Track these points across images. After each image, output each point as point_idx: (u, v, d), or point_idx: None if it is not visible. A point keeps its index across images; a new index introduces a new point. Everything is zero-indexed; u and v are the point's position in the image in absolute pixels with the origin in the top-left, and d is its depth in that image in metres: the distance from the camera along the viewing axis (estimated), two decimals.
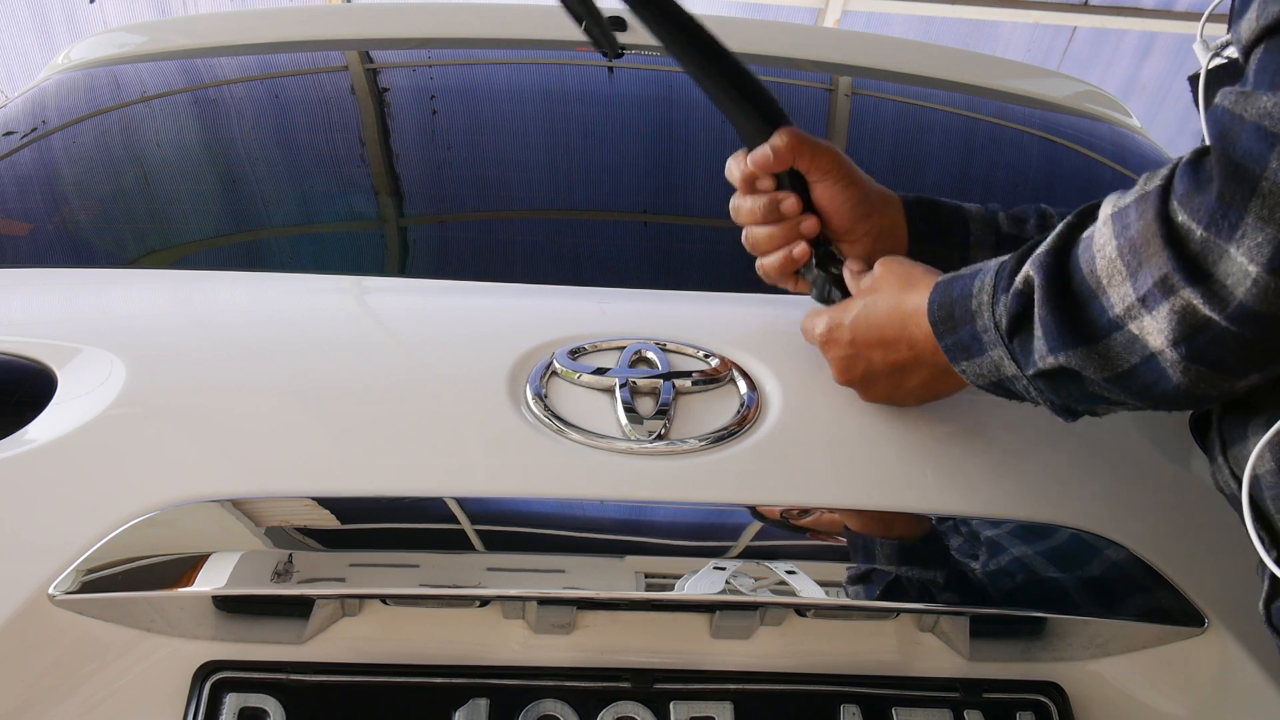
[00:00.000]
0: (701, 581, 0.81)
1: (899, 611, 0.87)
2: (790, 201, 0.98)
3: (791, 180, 0.98)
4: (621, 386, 0.91)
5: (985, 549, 0.86)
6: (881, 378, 0.91)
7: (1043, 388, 0.77)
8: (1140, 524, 0.89)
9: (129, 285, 1.14)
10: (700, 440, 0.88)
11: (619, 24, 1.73)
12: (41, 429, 0.85)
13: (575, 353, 0.94)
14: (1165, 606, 0.85)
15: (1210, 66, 0.80)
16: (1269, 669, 0.85)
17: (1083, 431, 0.96)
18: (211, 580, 0.78)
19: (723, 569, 0.81)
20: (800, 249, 0.99)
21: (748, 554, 0.83)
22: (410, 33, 1.72)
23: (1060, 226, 0.74)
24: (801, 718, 0.85)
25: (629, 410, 0.90)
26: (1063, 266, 0.72)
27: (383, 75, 1.66)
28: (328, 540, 0.81)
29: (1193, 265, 0.63)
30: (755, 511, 0.86)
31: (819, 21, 6.83)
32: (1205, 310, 0.63)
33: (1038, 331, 0.73)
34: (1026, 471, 0.91)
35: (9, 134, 1.49)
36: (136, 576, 0.78)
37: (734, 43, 0.98)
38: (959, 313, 0.81)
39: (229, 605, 0.82)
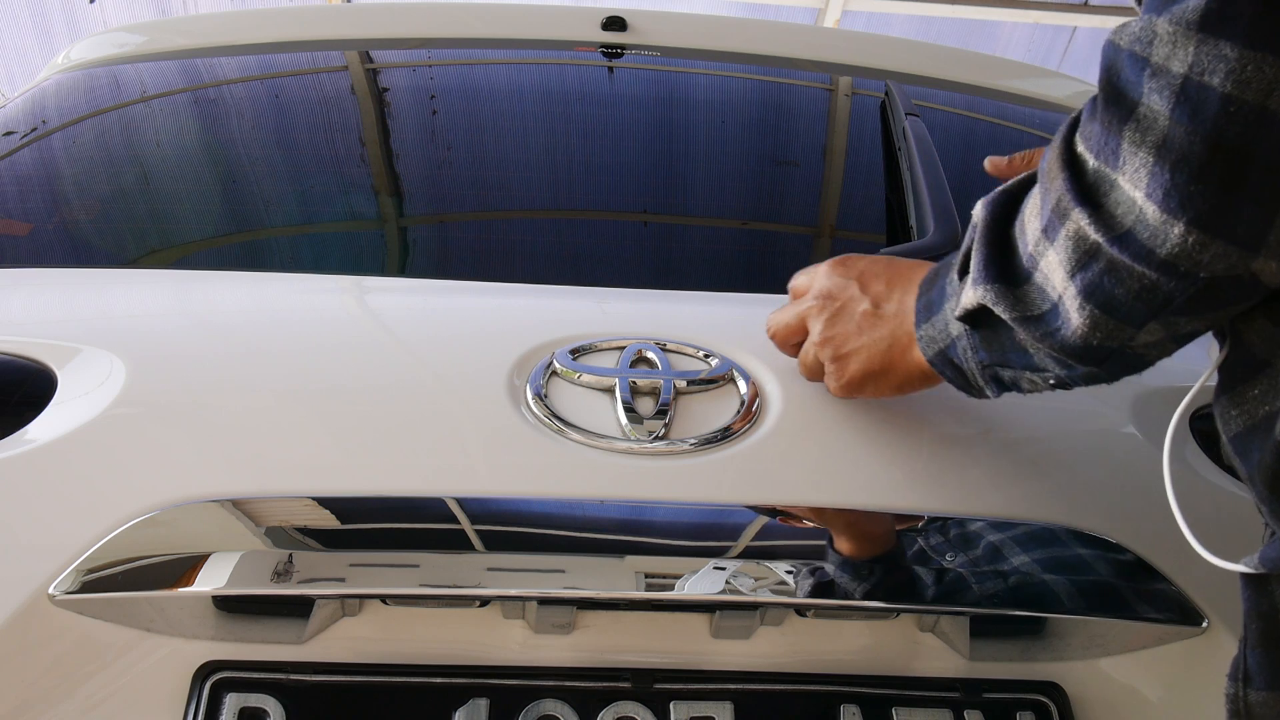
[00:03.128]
0: (701, 581, 0.81)
1: (899, 611, 0.87)
2: None
3: None
4: (622, 386, 0.91)
5: (985, 549, 0.86)
6: (850, 316, 0.88)
7: (978, 344, 0.77)
8: (1140, 524, 0.88)
9: (129, 285, 1.14)
10: (700, 440, 0.88)
11: (619, 23, 1.73)
12: (41, 429, 0.85)
13: (575, 352, 0.94)
14: (1165, 606, 0.85)
15: None
16: None
17: (1083, 432, 0.96)
18: (211, 580, 0.78)
19: (723, 569, 0.81)
20: None
21: (748, 554, 0.83)
22: (410, 33, 1.73)
23: (1025, 174, 0.74)
24: (801, 718, 0.85)
25: (629, 410, 0.90)
26: (1009, 208, 0.72)
27: (383, 75, 1.66)
28: (328, 540, 0.81)
29: (1084, 190, 0.62)
30: (755, 511, 0.86)
31: (819, 21, 6.84)
32: (1093, 234, 0.62)
33: (971, 264, 0.73)
34: (1027, 472, 0.91)
35: (9, 134, 1.50)
36: (136, 576, 0.78)
37: (734, 43, 0.98)
38: (941, 270, 0.82)
39: (229, 605, 0.82)
